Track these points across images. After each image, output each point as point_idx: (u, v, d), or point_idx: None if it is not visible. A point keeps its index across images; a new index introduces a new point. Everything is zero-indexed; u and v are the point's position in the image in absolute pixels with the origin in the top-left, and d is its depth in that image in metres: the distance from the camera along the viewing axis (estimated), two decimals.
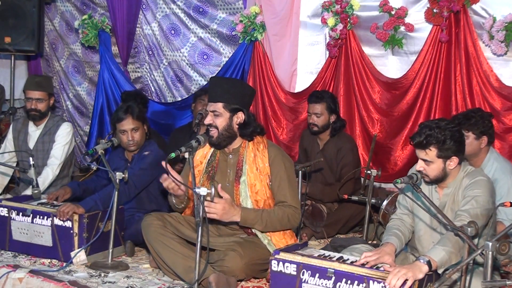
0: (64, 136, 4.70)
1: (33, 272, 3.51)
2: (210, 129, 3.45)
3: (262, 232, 3.43)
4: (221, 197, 3.25)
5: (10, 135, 4.84)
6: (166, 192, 3.56)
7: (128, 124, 4.18)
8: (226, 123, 3.43)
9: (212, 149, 3.61)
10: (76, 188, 4.21)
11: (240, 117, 3.46)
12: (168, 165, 3.13)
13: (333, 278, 2.84)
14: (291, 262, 2.97)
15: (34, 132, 4.75)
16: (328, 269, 2.86)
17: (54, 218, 3.76)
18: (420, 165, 3.11)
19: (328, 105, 4.73)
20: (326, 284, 2.86)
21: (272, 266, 3.01)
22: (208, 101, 3.52)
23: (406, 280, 2.69)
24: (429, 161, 3.07)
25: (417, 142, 3.07)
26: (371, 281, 2.76)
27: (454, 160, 3.08)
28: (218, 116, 3.43)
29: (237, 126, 3.46)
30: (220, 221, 3.34)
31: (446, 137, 3.02)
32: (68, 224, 3.72)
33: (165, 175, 3.29)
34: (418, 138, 3.06)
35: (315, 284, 2.89)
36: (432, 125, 3.07)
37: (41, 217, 3.80)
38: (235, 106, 3.44)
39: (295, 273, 2.95)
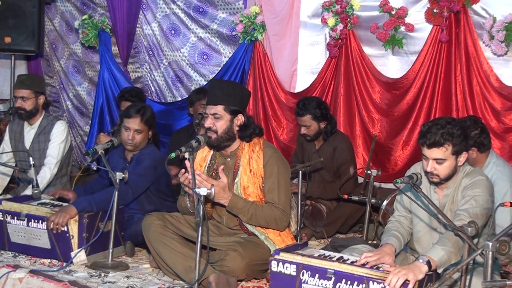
0: (59, 134, 4.69)
1: (33, 272, 3.50)
2: (209, 132, 3.44)
3: (245, 223, 3.45)
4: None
5: (6, 137, 4.85)
6: (176, 194, 3.53)
7: (134, 123, 4.16)
8: (227, 125, 3.43)
9: (212, 153, 3.61)
10: (81, 194, 4.20)
11: (240, 119, 3.46)
12: (186, 162, 3.16)
13: (333, 278, 2.84)
14: (290, 262, 2.96)
15: (29, 132, 4.74)
16: (328, 270, 2.86)
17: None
18: (431, 166, 3.02)
19: (313, 115, 4.64)
20: (325, 285, 2.86)
21: (272, 266, 3.01)
22: (207, 104, 3.49)
23: (407, 281, 2.69)
24: (443, 159, 3.00)
25: (433, 141, 2.97)
26: (370, 282, 2.75)
27: (464, 155, 3.06)
28: (218, 119, 3.42)
29: (237, 128, 3.46)
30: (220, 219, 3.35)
31: (459, 131, 2.98)
32: (63, 228, 3.69)
33: (182, 171, 3.27)
34: (434, 137, 2.96)
35: (315, 285, 2.88)
36: (442, 122, 3.00)
37: (36, 221, 3.76)
38: (235, 108, 3.44)
39: (295, 273, 2.95)
